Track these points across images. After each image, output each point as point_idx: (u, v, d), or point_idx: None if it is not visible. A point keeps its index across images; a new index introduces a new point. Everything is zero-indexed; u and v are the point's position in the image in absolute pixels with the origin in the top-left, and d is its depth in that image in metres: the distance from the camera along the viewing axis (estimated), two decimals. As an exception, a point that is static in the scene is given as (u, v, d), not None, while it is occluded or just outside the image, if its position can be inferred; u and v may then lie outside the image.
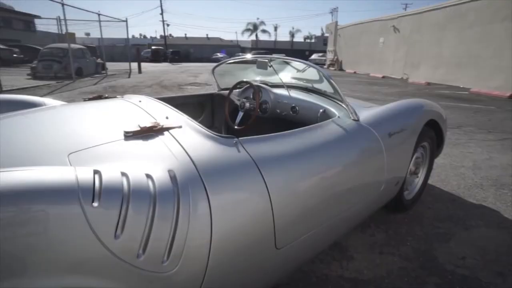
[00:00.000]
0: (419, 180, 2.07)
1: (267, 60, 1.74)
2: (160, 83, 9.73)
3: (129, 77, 11.53)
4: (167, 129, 0.94)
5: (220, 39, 45.22)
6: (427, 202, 2.15)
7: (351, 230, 1.64)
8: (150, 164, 0.77)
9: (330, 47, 25.04)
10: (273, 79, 2.18)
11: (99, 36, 12.03)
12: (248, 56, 2.40)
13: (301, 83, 2.00)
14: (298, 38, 56.15)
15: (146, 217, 0.66)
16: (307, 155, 1.10)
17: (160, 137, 0.90)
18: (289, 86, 1.95)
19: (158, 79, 10.78)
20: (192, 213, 0.73)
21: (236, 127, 1.98)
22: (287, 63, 2.07)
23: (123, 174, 0.68)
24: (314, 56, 28.91)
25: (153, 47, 31.22)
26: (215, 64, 2.38)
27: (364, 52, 17.94)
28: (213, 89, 2.63)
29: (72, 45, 10.01)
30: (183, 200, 0.72)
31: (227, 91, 2.21)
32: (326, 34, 30.67)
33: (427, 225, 1.86)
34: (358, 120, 1.43)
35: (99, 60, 12.06)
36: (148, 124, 0.92)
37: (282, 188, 0.97)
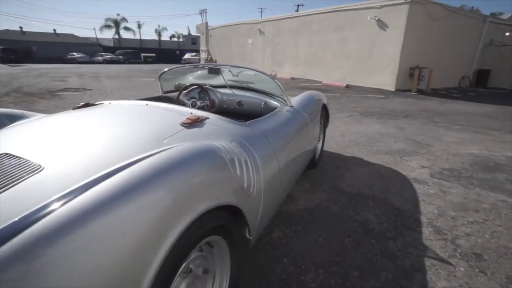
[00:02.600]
0: (320, 145, 3.05)
1: (219, 68, 2.24)
2: (18, 89, 7.98)
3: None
4: (205, 119, 1.36)
5: (74, 36, 38.67)
6: (324, 159, 3.18)
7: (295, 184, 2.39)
8: (217, 139, 1.21)
9: (203, 47, 25.99)
10: (211, 82, 2.66)
11: None
12: (187, 55, 2.78)
13: (240, 84, 2.59)
14: (165, 37, 54.54)
15: (242, 166, 1.13)
16: (282, 129, 1.73)
17: (205, 124, 1.32)
18: (231, 86, 2.50)
19: (11, 85, 8.74)
20: (254, 163, 1.24)
21: None
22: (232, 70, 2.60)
23: (220, 145, 1.12)
24: (187, 56, 29.26)
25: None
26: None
27: (236, 52, 19.74)
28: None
29: None
30: (249, 157, 1.22)
31: (173, 93, 2.54)
32: (197, 34, 31.45)
33: (329, 173, 2.84)
34: (293, 107, 2.16)
35: None
36: (193, 117, 1.32)
37: (278, 149, 1.56)
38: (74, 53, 29.48)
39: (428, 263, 1.55)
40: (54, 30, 38.49)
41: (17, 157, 0.93)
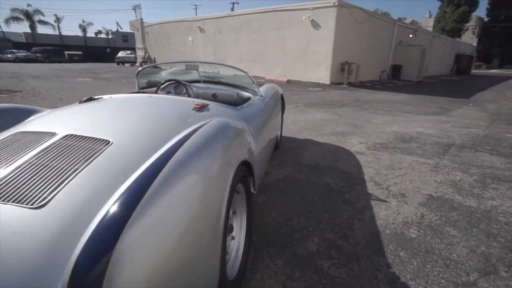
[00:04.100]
0: (280, 130, 3.55)
1: (197, 64, 2.54)
2: None
3: None
4: (207, 105, 1.70)
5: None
6: (283, 142, 3.70)
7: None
8: (225, 118, 1.57)
9: (139, 44, 24.69)
10: (184, 77, 2.93)
11: None
12: (121, 53, 2.99)
13: (212, 78, 2.91)
14: (90, 33, 49.41)
15: (247, 135, 1.51)
16: (261, 113, 2.15)
17: (209, 109, 1.66)
18: (205, 81, 2.82)
19: None
20: (251, 134, 1.63)
21: None
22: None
23: (230, 122, 1.48)
24: (121, 54, 27.34)
25: None
26: None
27: (176, 50, 19.35)
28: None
29: None
30: (248, 130, 1.61)
31: (150, 89, 2.74)
32: (130, 31, 29.58)
33: (290, 152, 3.36)
34: (262, 96, 2.59)
35: None
36: (200, 103, 1.65)
37: (261, 126, 1.97)
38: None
39: (372, 203, 2.15)
40: None
41: (81, 136, 1.16)
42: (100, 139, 1.13)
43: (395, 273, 1.42)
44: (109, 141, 1.12)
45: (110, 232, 0.68)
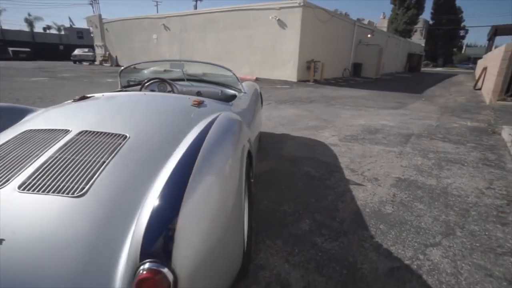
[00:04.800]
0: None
1: (182, 63, 2.60)
2: None
3: None
4: (204, 101, 1.81)
5: None
6: (263, 136, 3.88)
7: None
8: (221, 111, 1.69)
9: (98, 42, 23.34)
10: (167, 76, 2.96)
11: None
12: (77, 51, 2.99)
13: (195, 77, 2.98)
14: (38, 28, 45.45)
15: (245, 127, 1.65)
16: (248, 107, 2.29)
17: (206, 105, 1.77)
18: (189, 79, 2.88)
19: None
20: (246, 126, 1.77)
21: None
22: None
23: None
24: (77, 51, 25.59)
25: None
26: None
27: (140, 48, 18.64)
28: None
29: None
30: (243, 122, 1.75)
31: (133, 87, 2.74)
32: (85, 27, 27.81)
33: (271, 146, 3.54)
34: (246, 93, 2.72)
35: None
36: (198, 100, 1.75)
37: (251, 119, 2.12)
38: None
39: (351, 187, 2.40)
40: None
41: (96, 131, 1.22)
42: (116, 134, 1.20)
43: (378, 242, 1.66)
44: (126, 136, 1.19)
45: (171, 207, 0.79)
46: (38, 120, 1.40)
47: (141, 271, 0.69)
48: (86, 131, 1.22)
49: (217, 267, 0.92)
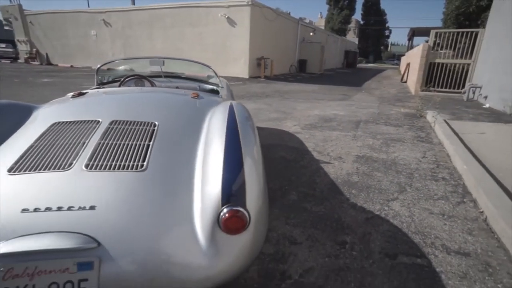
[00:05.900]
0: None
1: (162, 60, 2.70)
2: None
3: None
4: (199, 94, 2.00)
5: None
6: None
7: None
8: (218, 102, 1.91)
9: (20, 36, 20.58)
10: (145, 72, 3.01)
11: None
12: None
13: (171, 73, 3.09)
14: None
15: None
16: (231, 99, 2.53)
17: (203, 97, 1.97)
18: (166, 76, 2.98)
19: None
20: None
21: None
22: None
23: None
24: (-8, 48, 22.28)
25: None
26: None
27: (77, 45, 17.09)
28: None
29: None
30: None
31: (112, 84, 2.76)
32: (0, 19, 24.18)
33: (243, 137, 3.81)
34: (223, 87, 2.94)
35: None
36: (196, 93, 1.94)
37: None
38: None
39: (322, 165, 2.82)
40: None
41: (126, 121, 1.35)
42: (146, 122, 1.37)
43: (353, 202, 2.07)
44: (156, 123, 1.37)
45: (237, 168, 1.05)
46: (57, 114, 1.46)
47: (225, 214, 0.92)
48: (117, 120, 1.35)
49: (266, 208, 1.17)
